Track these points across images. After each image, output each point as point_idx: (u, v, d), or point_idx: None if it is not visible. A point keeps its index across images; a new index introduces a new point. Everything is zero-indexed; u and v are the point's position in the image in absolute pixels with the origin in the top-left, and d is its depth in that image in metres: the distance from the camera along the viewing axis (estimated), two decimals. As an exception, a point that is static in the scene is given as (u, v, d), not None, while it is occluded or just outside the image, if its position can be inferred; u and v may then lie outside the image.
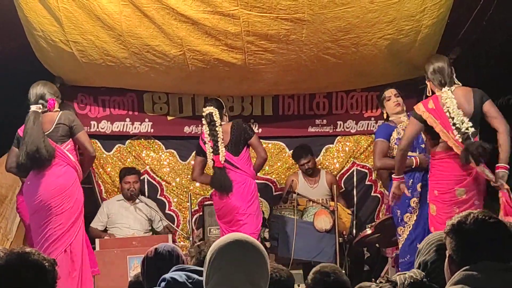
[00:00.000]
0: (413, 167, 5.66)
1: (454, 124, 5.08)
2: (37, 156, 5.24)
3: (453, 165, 5.14)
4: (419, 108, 5.28)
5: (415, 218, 5.65)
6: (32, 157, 5.26)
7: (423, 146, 5.82)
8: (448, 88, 5.24)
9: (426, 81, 5.46)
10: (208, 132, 6.07)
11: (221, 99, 6.32)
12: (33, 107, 5.43)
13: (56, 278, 2.35)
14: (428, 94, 5.54)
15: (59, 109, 5.53)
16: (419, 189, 5.66)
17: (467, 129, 5.04)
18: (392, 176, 5.50)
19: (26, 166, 5.33)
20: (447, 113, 5.12)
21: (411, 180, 5.74)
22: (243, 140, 6.06)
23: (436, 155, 5.24)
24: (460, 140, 5.04)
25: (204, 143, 6.09)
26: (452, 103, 5.13)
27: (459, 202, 5.09)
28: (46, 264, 2.31)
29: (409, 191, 5.68)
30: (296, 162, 7.02)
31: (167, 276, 2.99)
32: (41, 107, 5.45)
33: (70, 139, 5.43)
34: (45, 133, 5.34)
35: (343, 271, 3.52)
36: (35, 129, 5.30)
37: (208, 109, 6.14)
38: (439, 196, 5.18)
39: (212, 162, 6.04)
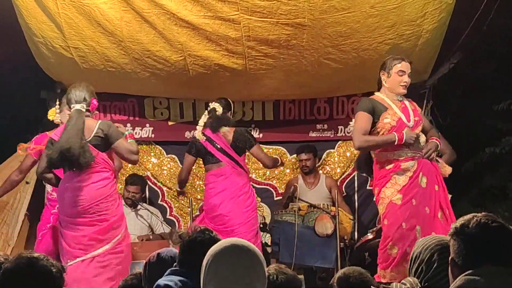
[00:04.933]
0: None
1: None
2: (67, 156, 4.95)
3: None
4: None
5: None
6: (62, 155, 4.96)
7: None
8: None
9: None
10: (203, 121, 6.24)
11: (231, 101, 6.34)
12: (77, 106, 5.12)
13: (63, 284, 2.35)
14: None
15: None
16: None
17: None
18: None
19: (56, 162, 5.06)
20: None
21: None
22: (244, 148, 6.20)
23: None
24: None
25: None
26: None
27: None
28: (54, 270, 2.31)
29: None
30: (297, 157, 7.07)
31: (161, 282, 2.98)
32: (84, 107, 5.14)
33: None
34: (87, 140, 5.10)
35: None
36: (74, 127, 5.02)
37: (214, 104, 6.24)
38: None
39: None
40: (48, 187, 5.92)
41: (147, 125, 7.04)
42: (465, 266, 2.21)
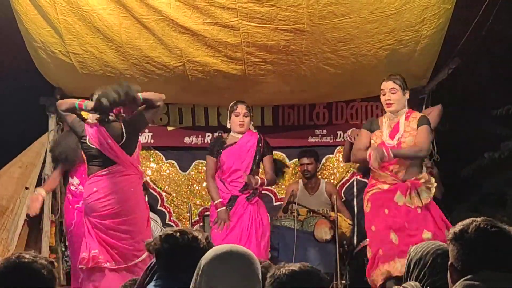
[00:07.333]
0: None
1: None
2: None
3: None
4: None
5: None
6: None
7: None
8: None
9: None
10: None
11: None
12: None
13: (54, 284, 2.33)
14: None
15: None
16: None
17: None
18: None
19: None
20: None
21: None
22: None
23: None
24: None
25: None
26: None
27: None
28: (45, 272, 2.29)
29: None
30: (299, 161, 7.05)
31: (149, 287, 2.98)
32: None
33: None
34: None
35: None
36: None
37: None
38: None
39: None
40: (75, 181, 5.92)
41: (146, 130, 7.00)
42: (464, 271, 2.21)
